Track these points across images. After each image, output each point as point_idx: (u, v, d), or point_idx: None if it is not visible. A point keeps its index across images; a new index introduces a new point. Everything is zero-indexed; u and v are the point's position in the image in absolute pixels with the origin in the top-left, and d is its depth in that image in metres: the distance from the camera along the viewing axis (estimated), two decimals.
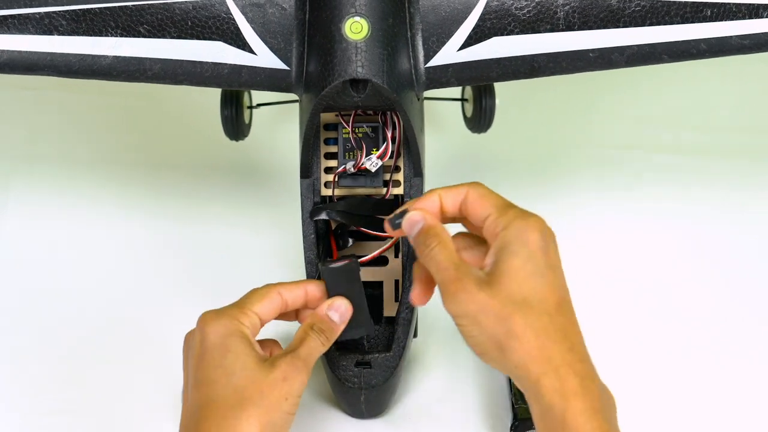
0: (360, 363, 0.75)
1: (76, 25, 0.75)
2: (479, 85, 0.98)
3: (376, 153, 0.77)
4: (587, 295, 0.88)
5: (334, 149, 0.79)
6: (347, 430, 0.79)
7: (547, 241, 0.67)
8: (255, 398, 0.67)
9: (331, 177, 0.78)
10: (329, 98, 0.73)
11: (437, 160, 1.00)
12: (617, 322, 0.88)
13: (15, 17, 0.75)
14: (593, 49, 0.75)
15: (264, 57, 0.75)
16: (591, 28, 0.75)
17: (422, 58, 0.75)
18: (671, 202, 1.00)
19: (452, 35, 0.75)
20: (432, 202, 0.70)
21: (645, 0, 0.75)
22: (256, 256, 0.94)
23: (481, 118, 0.99)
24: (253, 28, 0.75)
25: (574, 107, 1.12)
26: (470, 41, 0.75)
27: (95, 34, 0.75)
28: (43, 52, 0.75)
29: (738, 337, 0.87)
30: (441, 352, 0.85)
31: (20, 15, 0.75)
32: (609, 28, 0.75)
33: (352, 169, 0.77)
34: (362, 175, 0.78)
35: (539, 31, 0.75)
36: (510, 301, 0.65)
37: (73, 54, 0.75)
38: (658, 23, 0.75)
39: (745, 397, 0.82)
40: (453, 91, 1.03)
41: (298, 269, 0.80)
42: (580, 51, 0.75)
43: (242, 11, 0.75)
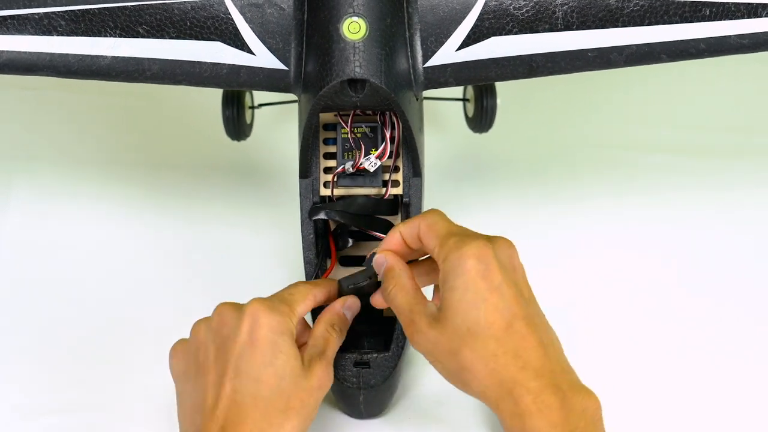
0: (358, 363, 0.75)
1: (75, 26, 0.75)
2: (480, 85, 0.98)
3: (375, 153, 0.77)
4: (584, 295, 0.89)
5: (333, 149, 0.79)
6: (346, 430, 0.79)
7: (486, 263, 0.66)
8: (298, 407, 0.68)
9: (329, 177, 0.78)
10: (327, 98, 0.73)
11: (439, 160, 1.00)
12: (613, 322, 0.88)
13: (14, 18, 0.75)
14: (592, 49, 0.75)
15: (262, 57, 0.76)
16: (589, 28, 0.75)
17: (420, 58, 0.75)
18: (668, 202, 1.00)
19: (450, 35, 0.75)
20: (395, 240, 0.72)
21: None
22: (256, 256, 0.94)
23: (482, 118, 1.00)
24: (252, 29, 0.75)
25: (574, 107, 1.12)
26: (468, 41, 0.75)
27: (94, 35, 0.75)
28: (42, 53, 0.75)
29: (734, 337, 0.87)
30: None
31: (19, 15, 0.75)
32: (607, 27, 0.75)
33: (351, 170, 0.77)
34: (361, 175, 0.78)
35: (538, 31, 0.75)
36: (456, 335, 0.66)
37: (72, 54, 0.75)
38: (657, 23, 0.75)
39: (741, 397, 0.81)
40: (454, 91, 1.03)
41: (298, 269, 0.80)
42: (579, 51, 0.75)
43: (241, 11, 0.75)
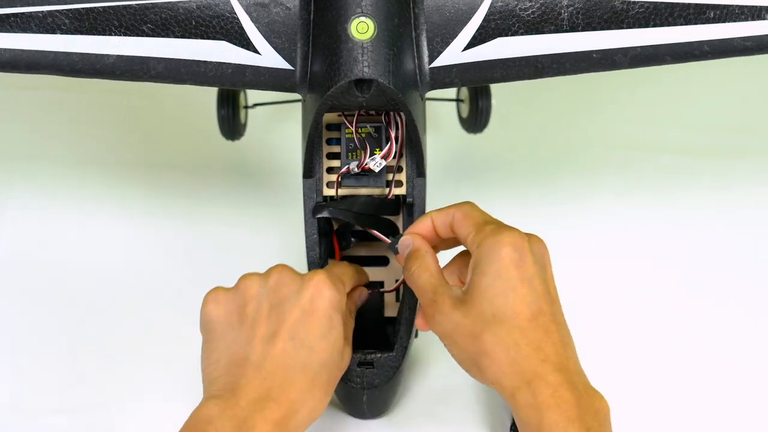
0: (362, 363, 0.75)
1: (79, 24, 0.74)
2: (476, 86, 0.98)
3: (380, 153, 0.77)
4: (585, 295, 0.89)
5: (337, 149, 0.79)
6: (349, 430, 0.79)
7: (521, 253, 0.67)
8: (333, 384, 0.70)
9: (333, 177, 0.78)
10: (334, 98, 0.73)
11: (437, 161, 1.00)
12: (613, 322, 0.88)
13: (17, 16, 0.74)
14: (597, 50, 0.75)
15: (268, 57, 0.75)
16: (595, 29, 0.75)
17: (426, 59, 0.75)
18: (668, 202, 1.01)
19: (456, 36, 0.75)
20: (425, 226, 0.73)
21: (648, 1, 0.75)
22: (256, 256, 0.94)
23: (477, 119, 1.00)
24: (258, 28, 0.75)
25: (573, 108, 1.12)
26: (474, 42, 0.75)
27: (98, 33, 0.74)
28: (45, 51, 0.74)
29: (734, 337, 0.87)
30: (441, 352, 0.84)
31: (23, 13, 0.74)
32: (612, 29, 0.75)
33: (356, 170, 0.77)
34: (365, 176, 0.78)
35: (543, 32, 0.75)
36: (481, 319, 0.66)
37: (76, 53, 0.74)
38: (662, 24, 0.75)
39: (741, 397, 0.82)
40: (448, 91, 1.03)
41: (298, 269, 0.80)
42: (584, 52, 0.76)
43: (246, 11, 0.75)
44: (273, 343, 0.68)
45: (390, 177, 0.79)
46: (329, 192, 0.79)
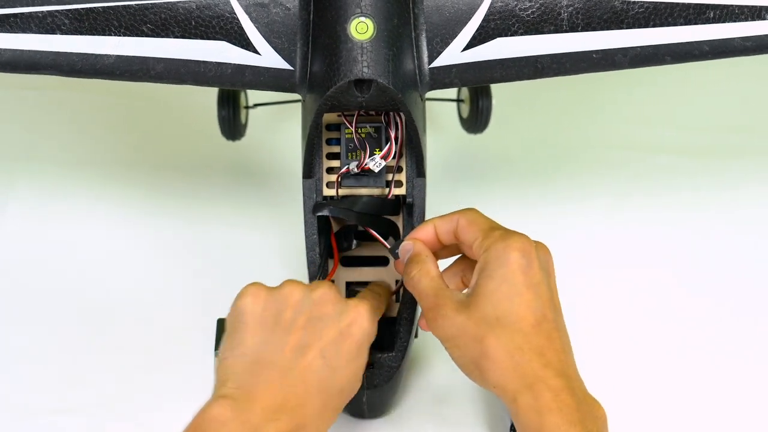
0: None
1: (78, 24, 0.74)
2: (476, 86, 0.98)
3: (380, 153, 0.77)
4: (585, 295, 0.89)
5: (336, 149, 0.79)
6: (349, 430, 0.79)
7: (528, 259, 0.67)
8: (340, 409, 0.70)
9: (333, 177, 0.78)
10: (334, 98, 0.73)
11: (437, 161, 1.00)
12: (613, 322, 0.88)
13: (17, 16, 0.74)
14: (597, 51, 0.75)
15: (268, 57, 0.75)
16: (594, 30, 0.75)
17: (426, 59, 0.75)
18: (667, 202, 1.01)
19: (456, 36, 0.75)
20: (427, 232, 0.73)
21: (648, 1, 0.75)
22: (256, 255, 0.94)
23: (477, 119, 1.00)
24: (257, 28, 0.75)
25: (573, 108, 1.12)
26: (474, 42, 0.75)
27: (98, 33, 0.75)
28: (45, 51, 0.74)
29: (734, 337, 0.87)
30: (441, 352, 0.84)
31: (22, 14, 0.74)
32: (612, 29, 0.75)
33: (356, 170, 0.77)
34: (365, 176, 0.78)
35: (543, 32, 0.75)
36: (484, 322, 0.66)
37: (75, 53, 0.75)
38: (661, 25, 0.75)
39: (741, 396, 0.82)
40: (449, 92, 1.03)
41: (298, 269, 0.80)
42: (584, 52, 0.76)
43: (246, 11, 0.75)
44: (303, 354, 0.67)
45: (390, 177, 0.79)
46: (329, 192, 0.79)
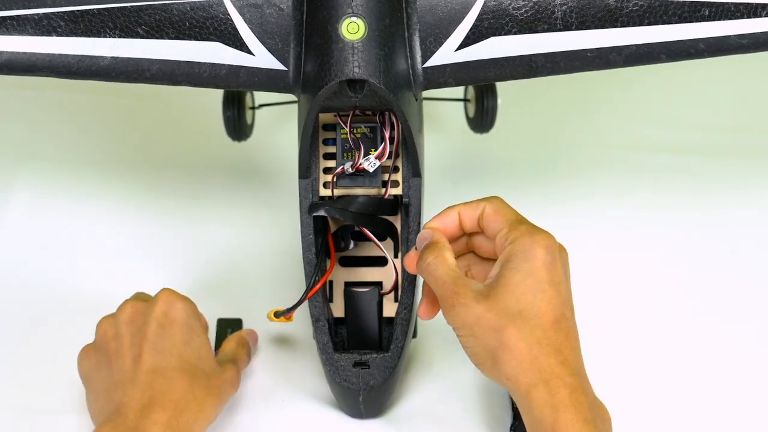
0: (358, 363, 0.75)
1: (74, 26, 0.75)
2: (481, 86, 0.98)
3: (374, 153, 0.77)
4: (585, 295, 0.88)
5: (333, 149, 0.79)
6: (346, 430, 0.79)
7: (553, 257, 0.68)
8: (215, 391, 0.75)
9: (329, 177, 0.78)
10: (327, 98, 0.73)
11: (438, 161, 1.00)
12: (613, 322, 0.88)
13: (14, 18, 0.75)
14: (591, 49, 0.75)
15: (262, 58, 0.75)
16: (588, 28, 0.75)
17: (419, 59, 0.75)
18: (668, 202, 1.00)
19: (449, 35, 0.75)
20: (451, 219, 0.73)
21: None
22: (256, 255, 0.94)
23: (483, 119, 1.00)
24: (251, 29, 0.75)
25: (573, 108, 1.12)
26: (468, 41, 0.75)
27: (93, 35, 0.75)
28: (41, 53, 0.75)
29: (734, 337, 0.87)
30: (440, 352, 0.85)
31: (19, 16, 0.75)
32: (606, 27, 0.75)
33: (351, 170, 0.77)
34: (361, 176, 0.78)
35: (537, 31, 0.75)
36: (505, 314, 0.66)
37: (71, 55, 0.75)
38: (656, 23, 0.75)
39: (741, 396, 0.82)
40: (455, 92, 1.03)
41: (298, 269, 0.80)
42: (578, 51, 0.75)
43: (240, 12, 0.75)
44: (141, 359, 0.73)
45: (386, 177, 0.78)
46: (325, 192, 0.79)
